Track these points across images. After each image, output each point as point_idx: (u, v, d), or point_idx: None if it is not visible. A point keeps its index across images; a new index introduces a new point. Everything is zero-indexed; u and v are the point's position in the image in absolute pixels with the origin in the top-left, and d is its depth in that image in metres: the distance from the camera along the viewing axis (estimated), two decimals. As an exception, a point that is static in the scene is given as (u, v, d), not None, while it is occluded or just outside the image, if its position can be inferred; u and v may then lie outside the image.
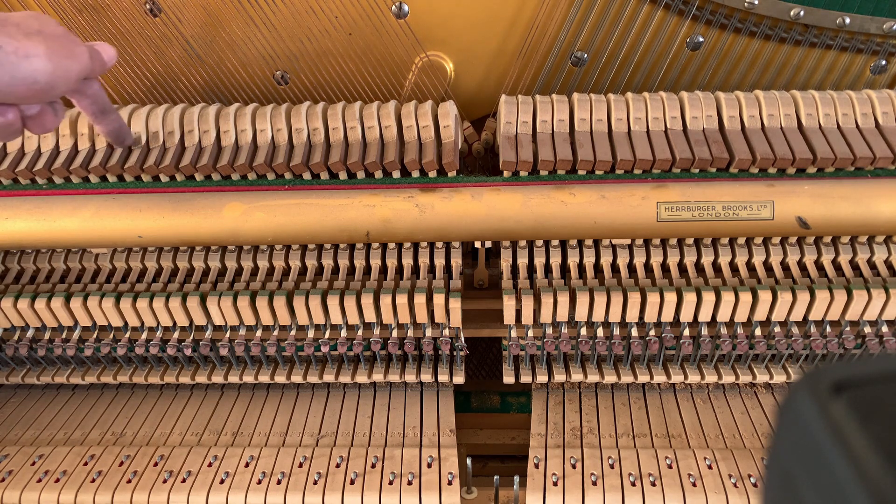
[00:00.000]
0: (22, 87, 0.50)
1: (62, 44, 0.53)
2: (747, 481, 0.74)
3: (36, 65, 0.50)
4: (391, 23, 0.79)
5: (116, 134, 0.69)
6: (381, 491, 0.74)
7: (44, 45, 0.51)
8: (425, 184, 0.71)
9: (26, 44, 0.49)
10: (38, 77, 0.50)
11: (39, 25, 0.52)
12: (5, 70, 0.48)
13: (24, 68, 0.49)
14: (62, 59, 0.52)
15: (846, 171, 0.70)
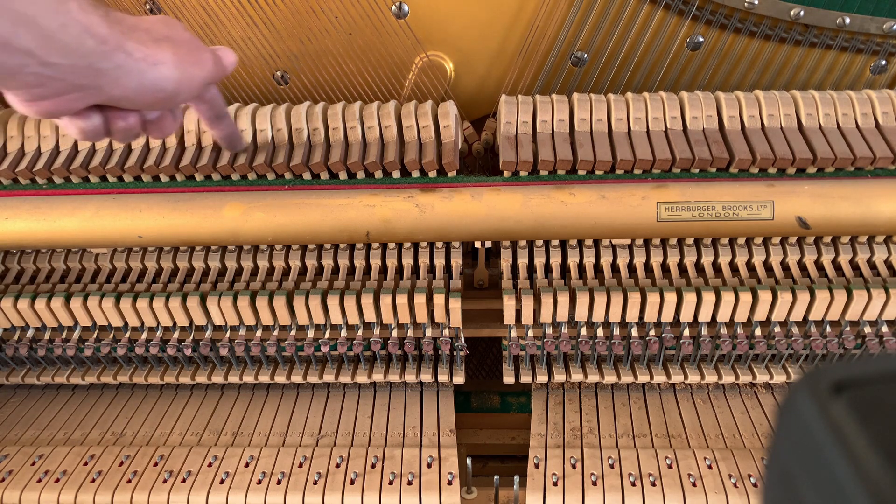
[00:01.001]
0: (148, 95, 0.49)
1: (189, 50, 0.52)
2: (747, 481, 0.74)
3: (163, 72, 0.49)
4: (391, 23, 0.79)
5: (230, 139, 0.68)
6: (381, 491, 0.74)
7: (172, 52, 0.49)
8: (425, 184, 0.71)
9: (155, 51, 0.48)
10: (164, 85, 0.49)
11: (168, 31, 0.51)
12: (133, 77, 0.47)
13: (151, 76, 0.48)
14: (188, 67, 0.51)
15: (846, 171, 0.70)
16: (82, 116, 0.51)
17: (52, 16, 0.41)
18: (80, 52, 0.43)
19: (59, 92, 0.45)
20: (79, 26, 0.42)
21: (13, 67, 0.42)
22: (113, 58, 0.45)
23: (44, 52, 0.41)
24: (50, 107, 0.46)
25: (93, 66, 0.44)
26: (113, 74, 0.46)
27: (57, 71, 0.43)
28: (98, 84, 0.46)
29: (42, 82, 0.43)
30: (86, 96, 0.47)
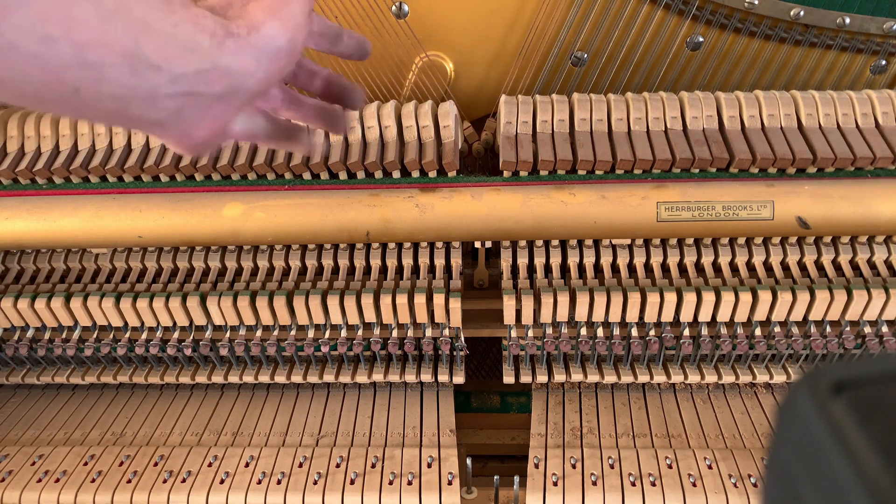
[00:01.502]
0: (273, 65, 0.41)
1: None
2: (747, 481, 0.74)
3: (270, 32, 0.40)
4: (391, 23, 0.79)
5: (358, 52, 0.56)
6: (381, 491, 0.74)
7: (261, 8, 0.41)
8: (425, 184, 0.71)
9: (249, 17, 0.40)
10: (279, 43, 0.41)
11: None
12: (251, 58, 0.39)
13: (264, 45, 0.40)
14: (283, 9, 0.42)
15: (846, 171, 0.70)
16: (246, 129, 0.44)
17: (164, 16, 0.34)
18: (199, 53, 0.36)
19: (203, 112, 0.38)
20: (188, 23, 0.36)
21: (147, 91, 0.35)
22: (228, 48, 0.38)
23: (170, 63, 0.34)
24: (206, 134, 0.40)
25: (217, 66, 0.37)
26: (236, 66, 0.39)
27: (189, 84, 0.36)
28: (231, 85, 0.39)
29: (182, 105, 0.37)
30: (228, 106, 0.40)
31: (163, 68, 0.34)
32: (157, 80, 0.34)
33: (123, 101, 0.34)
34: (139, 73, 0.33)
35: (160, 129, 0.38)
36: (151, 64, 0.33)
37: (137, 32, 0.32)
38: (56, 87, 0.32)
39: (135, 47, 0.32)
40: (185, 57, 0.35)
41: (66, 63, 0.31)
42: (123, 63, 0.32)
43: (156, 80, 0.34)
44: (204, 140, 0.40)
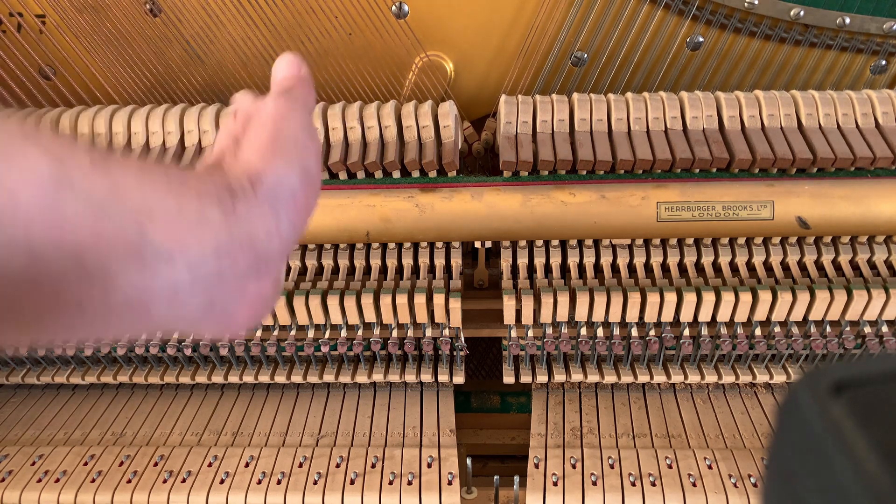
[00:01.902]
0: (292, 212, 0.35)
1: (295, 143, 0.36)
2: (747, 481, 0.74)
3: (275, 177, 0.34)
4: (391, 23, 0.79)
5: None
6: (381, 491, 0.74)
7: (255, 151, 0.34)
8: (425, 184, 0.71)
9: (247, 165, 0.34)
10: (289, 184, 0.34)
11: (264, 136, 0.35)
12: (262, 212, 0.32)
13: (272, 194, 0.33)
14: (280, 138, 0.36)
15: (846, 171, 0.70)
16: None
17: (164, 196, 0.29)
18: (212, 227, 0.30)
19: (237, 293, 0.32)
20: (192, 197, 0.30)
21: (167, 289, 0.29)
22: (240, 213, 0.31)
23: (183, 248, 0.29)
24: (250, 312, 0.34)
25: (235, 237, 0.31)
26: (255, 230, 0.32)
27: (211, 268, 0.30)
28: (257, 254, 0.32)
29: (210, 295, 0.31)
30: (263, 277, 0.33)
31: (176, 256, 0.28)
32: (174, 272, 0.28)
33: (141, 308, 0.28)
34: (151, 267, 0.27)
35: (197, 326, 0.32)
36: (163, 253, 0.27)
37: (140, 220, 0.27)
38: (55, 308, 0.26)
39: (140, 238, 0.27)
40: (197, 236, 0.29)
41: (61, 277, 0.25)
42: (130, 260, 0.26)
43: (172, 274, 0.28)
44: (252, 318, 0.34)
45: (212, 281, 0.30)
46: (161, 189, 0.28)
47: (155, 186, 0.28)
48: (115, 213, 0.26)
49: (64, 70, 0.82)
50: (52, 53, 0.81)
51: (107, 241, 0.25)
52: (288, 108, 0.37)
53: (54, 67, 0.82)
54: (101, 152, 0.27)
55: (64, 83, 0.81)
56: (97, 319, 0.27)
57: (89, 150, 0.26)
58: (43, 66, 0.81)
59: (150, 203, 0.27)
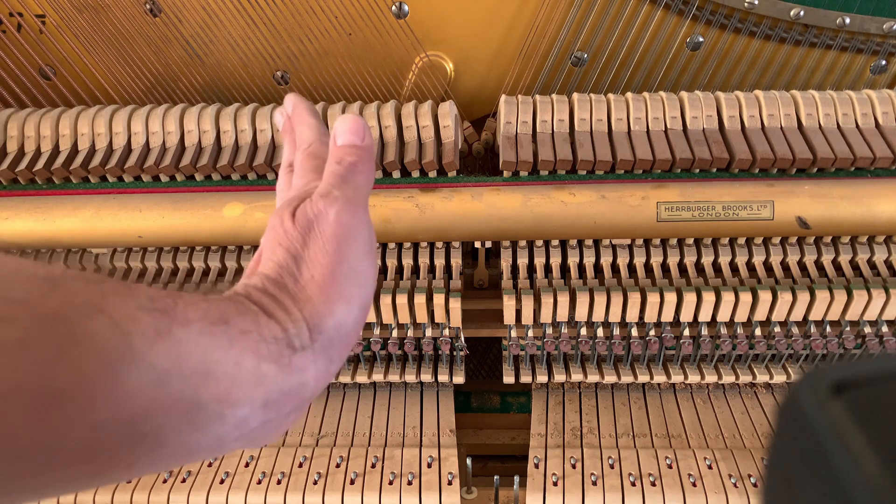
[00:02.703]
0: (345, 350, 0.35)
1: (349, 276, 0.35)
2: (747, 481, 0.74)
3: (336, 321, 0.33)
4: (391, 23, 0.79)
5: None
6: (381, 491, 0.74)
7: (320, 287, 0.33)
8: (425, 184, 0.71)
9: (311, 305, 0.33)
10: (347, 328, 0.34)
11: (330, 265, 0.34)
12: (319, 360, 0.33)
13: (331, 341, 0.33)
14: (347, 274, 0.34)
15: (846, 171, 0.70)
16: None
17: (223, 355, 0.29)
18: (266, 384, 0.30)
19: (275, 430, 0.32)
20: (250, 354, 0.29)
21: (212, 443, 0.29)
22: (296, 366, 0.31)
23: (235, 408, 0.29)
24: (281, 432, 0.34)
25: (286, 391, 0.31)
26: (308, 378, 0.32)
27: (258, 419, 0.30)
28: (304, 398, 0.33)
29: (252, 437, 0.31)
30: (302, 410, 0.34)
31: (227, 415, 0.28)
32: (222, 428, 0.29)
33: (184, 457, 0.29)
34: (202, 427, 0.28)
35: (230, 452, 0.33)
36: (214, 414, 0.28)
37: (197, 385, 0.27)
38: (105, 472, 0.26)
39: (195, 403, 0.27)
40: (250, 394, 0.29)
41: (117, 445, 0.25)
42: (182, 424, 0.27)
43: (220, 430, 0.29)
44: (278, 437, 0.35)
45: (257, 429, 0.30)
46: (221, 350, 0.28)
47: (216, 348, 0.28)
48: (174, 382, 0.26)
49: (64, 70, 0.82)
50: (52, 53, 0.81)
51: (163, 408, 0.26)
52: (353, 223, 0.35)
53: (54, 67, 0.82)
54: (165, 314, 0.27)
55: (64, 83, 0.81)
56: (142, 471, 0.27)
57: (154, 312, 0.26)
58: (43, 66, 0.81)
59: (210, 367, 0.28)
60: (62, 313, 0.24)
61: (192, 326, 0.27)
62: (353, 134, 0.39)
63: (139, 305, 0.26)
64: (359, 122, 0.39)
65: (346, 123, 0.39)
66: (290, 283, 0.33)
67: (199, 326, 0.28)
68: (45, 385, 0.23)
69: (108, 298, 0.25)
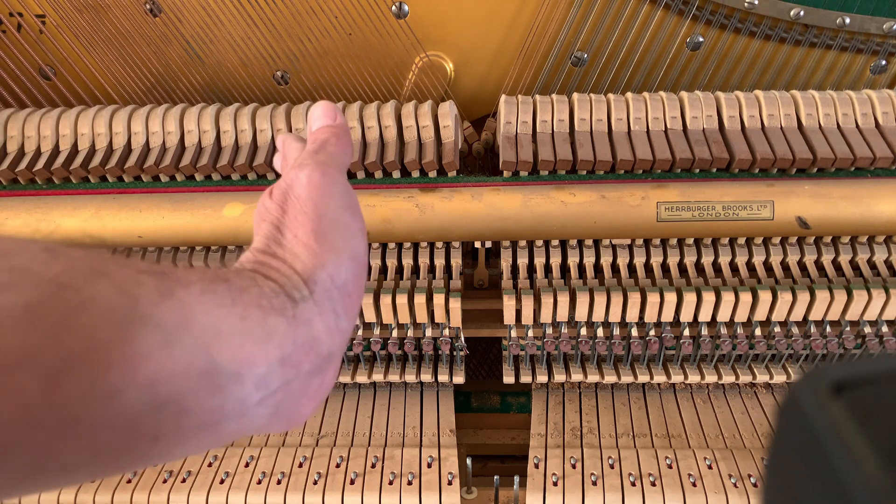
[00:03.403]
0: (350, 302, 0.35)
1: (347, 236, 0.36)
2: (747, 481, 0.74)
3: (328, 272, 0.34)
4: (391, 23, 0.79)
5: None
6: (381, 491, 0.74)
7: (303, 244, 0.34)
8: (425, 184, 0.71)
9: (298, 261, 0.34)
10: (343, 277, 0.34)
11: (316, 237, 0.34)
12: (322, 311, 0.33)
13: (329, 291, 0.34)
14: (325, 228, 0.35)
15: (846, 171, 0.70)
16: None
17: (229, 312, 0.29)
18: (277, 338, 0.30)
19: (301, 394, 0.32)
20: (255, 309, 0.30)
21: (236, 408, 0.29)
22: (301, 317, 0.31)
23: (251, 366, 0.29)
24: (314, 405, 0.34)
25: (299, 344, 0.31)
26: (317, 332, 0.32)
27: (278, 380, 0.30)
28: (321, 354, 0.33)
29: (277, 403, 0.31)
30: (327, 373, 0.34)
31: (244, 374, 0.28)
32: (243, 390, 0.28)
33: (211, 429, 0.28)
34: (221, 390, 0.27)
35: (262, 430, 0.32)
36: (231, 373, 0.27)
37: (208, 343, 0.27)
38: (130, 446, 0.25)
39: (209, 362, 0.27)
40: (263, 350, 0.29)
41: (137, 412, 0.25)
42: (201, 386, 0.26)
43: (241, 392, 0.28)
44: (315, 408, 0.34)
45: (279, 391, 0.30)
46: (225, 307, 0.28)
47: (219, 305, 0.28)
48: (184, 341, 0.26)
49: (64, 70, 0.82)
50: (52, 53, 0.81)
51: (178, 370, 0.25)
52: (325, 181, 0.36)
53: (54, 67, 0.82)
54: (166, 276, 0.27)
55: (64, 83, 0.81)
56: (171, 448, 0.27)
57: (155, 275, 0.27)
58: (43, 66, 0.81)
59: (217, 324, 0.27)
60: (66, 279, 0.24)
61: (194, 287, 0.28)
62: (325, 117, 0.41)
63: (139, 270, 0.26)
64: (329, 106, 0.41)
65: (317, 110, 0.42)
66: (277, 248, 0.34)
67: (200, 286, 0.28)
68: (57, 350, 0.22)
69: (109, 264, 0.26)
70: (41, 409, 0.22)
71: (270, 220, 0.35)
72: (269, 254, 0.33)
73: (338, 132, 0.41)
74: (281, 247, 0.34)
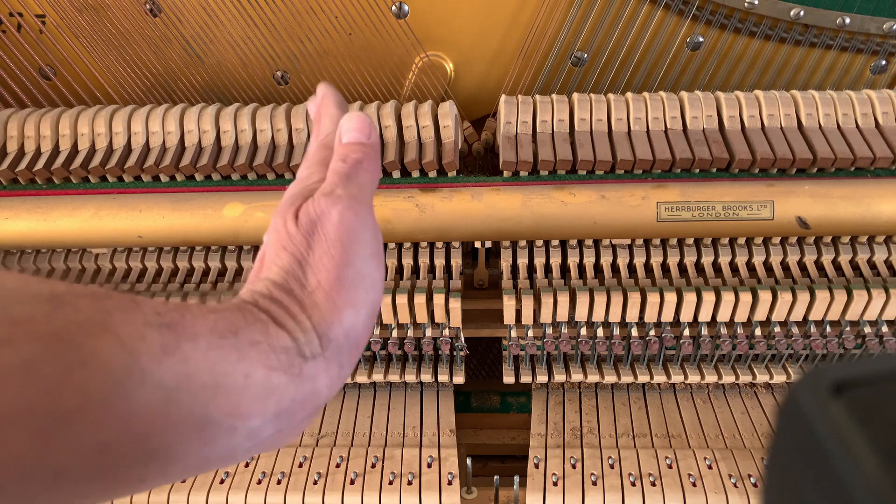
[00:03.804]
0: (356, 354, 0.35)
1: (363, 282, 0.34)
2: (747, 481, 0.74)
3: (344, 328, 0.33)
4: (391, 23, 0.79)
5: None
6: (381, 491, 0.74)
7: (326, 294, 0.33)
8: (425, 184, 0.71)
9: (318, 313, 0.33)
10: (356, 334, 0.34)
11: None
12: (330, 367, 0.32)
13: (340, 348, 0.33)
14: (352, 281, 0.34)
15: (846, 171, 0.70)
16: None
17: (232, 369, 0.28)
18: (277, 395, 0.30)
19: (288, 435, 0.32)
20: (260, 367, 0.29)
21: (223, 454, 0.29)
22: (307, 375, 0.31)
23: (246, 420, 0.29)
24: (297, 432, 0.34)
25: (298, 400, 0.31)
26: (319, 386, 0.32)
27: (270, 428, 0.30)
28: (317, 405, 0.32)
29: (265, 445, 0.31)
30: (315, 413, 0.34)
31: (238, 428, 0.28)
32: (234, 440, 0.28)
33: (197, 470, 0.29)
34: (212, 440, 0.27)
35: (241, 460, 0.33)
36: (225, 428, 0.28)
37: (206, 400, 0.27)
38: (115, 489, 0.26)
39: (204, 418, 0.27)
40: (261, 406, 0.29)
41: (127, 463, 0.25)
42: (192, 439, 0.27)
43: (232, 442, 0.28)
44: (291, 439, 0.34)
45: (269, 437, 0.30)
46: (230, 363, 0.28)
47: (224, 361, 0.28)
48: (182, 399, 0.26)
49: (64, 70, 0.82)
50: (52, 53, 0.81)
51: (173, 425, 0.26)
52: (357, 224, 0.34)
53: (54, 67, 0.82)
54: (173, 329, 0.26)
55: (64, 83, 0.81)
56: (153, 485, 0.27)
57: (161, 328, 0.26)
58: (43, 66, 0.81)
59: (218, 381, 0.27)
60: (67, 333, 0.23)
61: (200, 341, 0.27)
62: (358, 132, 0.38)
63: (146, 322, 0.26)
64: (365, 120, 0.38)
65: (351, 121, 0.38)
66: (297, 289, 0.32)
67: (208, 341, 0.27)
68: (52, 407, 0.22)
69: (114, 315, 0.25)
70: (30, 464, 0.22)
71: (293, 251, 0.33)
72: (287, 291, 0.32)
73: (371, 154, 0.38)
74: (302, 288, 0.33)
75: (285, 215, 0.34)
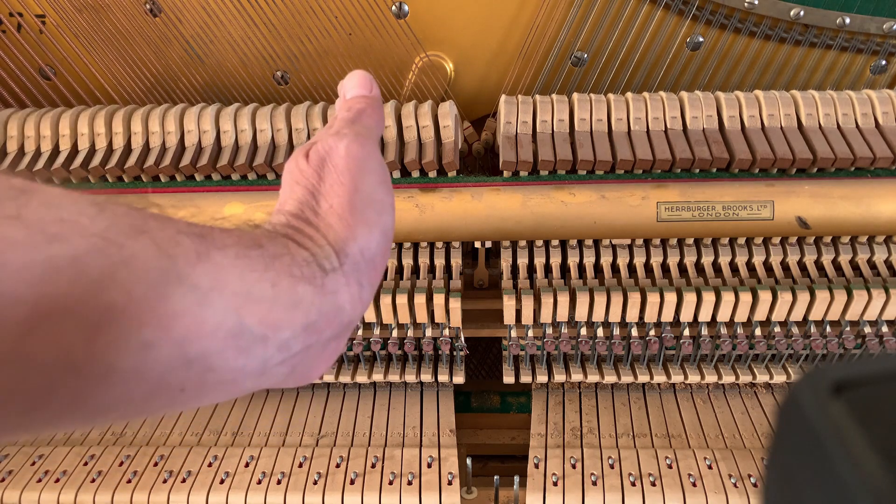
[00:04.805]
0: (375, 274, 0.36)
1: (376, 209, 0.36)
2: (747, 481, 0.74)
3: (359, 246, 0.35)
4: (391, 23, 0.79)
5: None
6: (381, 491, 0.74)
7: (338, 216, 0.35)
8: (425, 184, 0.71)
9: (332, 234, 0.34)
10: (372, 252, 0.35)
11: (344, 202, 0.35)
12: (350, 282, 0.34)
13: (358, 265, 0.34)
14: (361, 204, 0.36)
15: (846, 171, 0.70)
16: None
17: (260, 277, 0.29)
18: (304, 306, 0.31)
19: (318, 357, 0.33)
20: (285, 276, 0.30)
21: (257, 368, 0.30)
22: (329, 287, 0.32)
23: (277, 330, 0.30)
24: (325, 367, 0.35)
25: (324, 312, 0.32)
26: (342, 301, 0.33)
27: (300, 344, 0.31)
28: (342, 322, 0.33)
29: (295, 364, 0.32)
30: (343, 338, 0.35)
31: (270, 337, 0.29)
32: (266, 352, 0.29)
33: (231, 384, 0.29)
34: (246, 351, 0.28)
35: (276, 385, 0.33)
36: (257, 336, 0.29)
37: (238, 306, 0.28)
38: (158, 395, 0.27)
39: (238, 325, 0.28)
40: (290, 316, 0.30)
41: (167, 367, 0.26)
42: (228, 346, 0.28)
43: (264, 354, 0.29)
44: (325, 370, 0.36)
45: (299, 353, 0.31)
46: (258, 272, 0.29)
47: (252, 270, 0.29)
48: (216, 303, 0.27)
49: (64, 70, 0.82)
50: (52, 53, 0.81)
51: (208, 330, 0.27)
52: (363, 154, 0.37)
53: (54, 67, 0.82)
54: (203, 237, 0.28)
55: (64, 83, 0.81)
56: (194, 399, 0.28)
57: (193, 236, 0.27)
58: (43, 66, 0.81)
59: (249, 289, 0.28)
60: (110, 234, 0.25)
61: (229, 250, 0.28)
62: (361, 87, 0.42)
63: (179, 230, 0.27)
64: (366, 76, 0.42)
65: (353, 79, 0.42)
66: (312, 216, 0.35)
67: (236, 250, 0.29)
68: (99, 302, 0.23)
69: (150, 222, 0.26)
70: (81, 356, 0.23)
71: (306, 184, 0.36)
72: (303, 219, 0.34)
73: (373, 103, 0.41)
74: (316, 215, 0.35)
75: (297, 157, 0.37)
